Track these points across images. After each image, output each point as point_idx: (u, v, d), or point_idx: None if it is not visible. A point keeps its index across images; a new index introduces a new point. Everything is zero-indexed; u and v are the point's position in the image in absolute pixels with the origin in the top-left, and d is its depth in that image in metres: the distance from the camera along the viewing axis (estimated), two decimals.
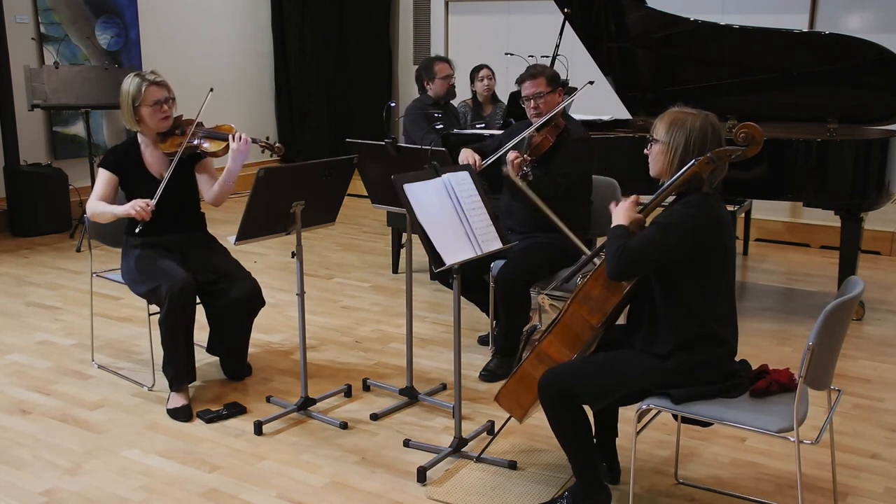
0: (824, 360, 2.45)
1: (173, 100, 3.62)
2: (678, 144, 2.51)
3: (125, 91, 3.59)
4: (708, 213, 2.49)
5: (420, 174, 3.02)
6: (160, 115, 3.59)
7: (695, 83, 5.22)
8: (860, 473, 3.06)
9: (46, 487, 2.95)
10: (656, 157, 2.57)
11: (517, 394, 2.77)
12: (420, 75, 5.54)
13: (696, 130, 2.50)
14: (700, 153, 2.49)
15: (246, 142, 3.57)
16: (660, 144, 2.55)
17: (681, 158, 2.51)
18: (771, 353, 4.19)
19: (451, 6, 9.37)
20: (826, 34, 4.65)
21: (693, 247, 2.47)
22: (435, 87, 5.45)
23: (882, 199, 4.51)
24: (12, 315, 4.81)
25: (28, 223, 6.68)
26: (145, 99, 3.55)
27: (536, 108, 3.87)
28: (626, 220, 2.57)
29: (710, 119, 2.53)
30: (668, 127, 2.54)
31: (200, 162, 3.74)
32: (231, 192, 3.72)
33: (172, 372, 3.55)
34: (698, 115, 2.54)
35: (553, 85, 3.87)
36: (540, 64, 4.10)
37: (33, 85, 6.32)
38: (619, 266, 2.47)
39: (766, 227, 6.59)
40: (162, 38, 8.08)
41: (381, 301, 5.12)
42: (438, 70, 5.42)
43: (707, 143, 2.50)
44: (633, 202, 2.62)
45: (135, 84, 3.56)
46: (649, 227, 2.51)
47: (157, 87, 3.57)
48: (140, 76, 3.59)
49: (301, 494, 2.91)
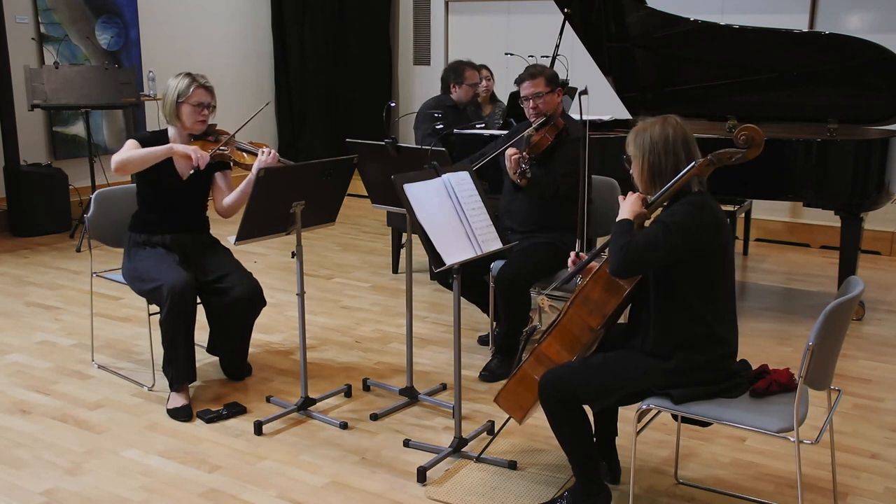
0: (824, 360, 2.45)
1: (214, 107, 3.66)
2: (643, 151, 2.56)
3: (173, 86, 3.61)
4: (709, 212, 2.51)
5: (420, 174, 3.02)
6: (199, 117, 3.62)
7: (695, 83, 5.22)
8: (860, 473, 3.06)
9: (46, 487, 2.95)
10: (634, 171, 2.63)
11: (517, 395, 2.77)
12: (447, 76, 5.54)
13: (657, 134, 2.55)
14: (665, 155, 2.53)
15: (275, 157, 3.57)
16: (633, 160, 2.61)
17: (650, 164, 2.55)
18: (771, 353, 4.20)
19: (451, 6, 9.37)
20: (826, 34, 4.65)
21: (695, 245, 2.48)
22: (459, 92, 5.49)
23: (882, 199, 4.51)
24: (12, 315, 4.81)
25: (28, 223, 6.68)
26: (190, 97, 3.58)
27: (535, 107, 3.88)
28: (631, 214, 2.59)
29: (669, 121, 2.57)
30: (633, 140, 2.60)
31: (222, 172, 3.76)
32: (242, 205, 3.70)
33: (172, 372, 3.55)
34: (657, 119, 2.59)
35: (552, 85, 3.88)
36: (539, 64, 4.11)
37: (33, 85, 6.32)
38: (623, 263, 2.48)
39: (766, 227, 6.59)
40: (162, 38, 8.08)
41: (381, 301, 5.12)
42: (468, 76, 5.47)
43: (670, 144, 2.53)
44: (641, 197, 2.62)
45: (185, 82, 3.60)
46: (652, 225, 2.52)
47: (204, 91, 3.61)
48: (191, 76, 3.62)
49: (301, 494, 2.91)
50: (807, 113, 4.99)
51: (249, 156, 3.68)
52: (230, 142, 3.67)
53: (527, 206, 3.93)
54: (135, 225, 3.71)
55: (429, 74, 9.55)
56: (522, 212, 3.94)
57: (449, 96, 5.51)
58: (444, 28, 9.41)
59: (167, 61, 7.79)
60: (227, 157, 3.67)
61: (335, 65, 9.48)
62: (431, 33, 9.50)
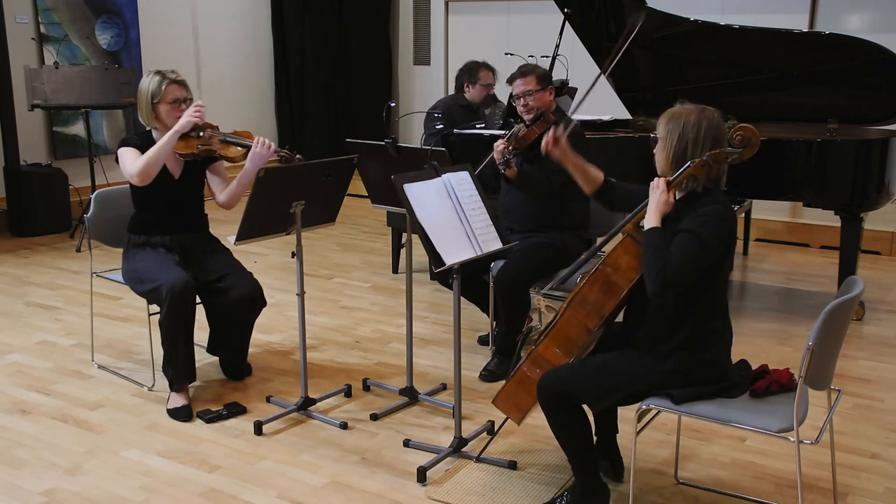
0: (824, 360, 2.45)
1: (191, 100, 3.60)
2: (673, 138, 2.52)
3: (144, 87, 3.56)
4: (731, 212, 2.51)
5: (420, 174, 3.02)
6: (178, 113, 3.56)
7: (695, 83, 5.22)
8: (860, 473, 3.06)
9: (46, 487, 2.95)
10: (658, 153, 2.59)
11: (515, 397, 2.77)
12: (462, 76, 5.64)
13: (691, 124, 2.51)
14: (696, 146, 2.49)
15: (269, 147, 3.53)
16: (660, 141, 2.57)
17: (675, 152, 2.52)
18: (771, 353, 4.20)
19: (451, 6, 9.37)
20: (826, 34, 4.65)
21: (722, 248, 2.48)
22: (473, 92, 5.59)
23: (882, 199, 4.51)
24: (12, 315, 4.81)
25: (28, 223, 6.68)
26: (164, 96, 3.54)
27: (526, 105, 3.89)
28: (660, 217, 2.50)
29: (706, 113, 2.53)
30: (666, 123, 2.56)
31: (213, 164, 3.74)
32: (243, 195, 3.69)
33: (172, 372, 3.54)
34: (695, 109, 2.54)
35: (543, 83, 3.89)
36: (531, 63, 4.13)
37: (33, 85, 6.32)
38: (664, 290, 2.42)
39: (766, 227, 6.59)
40: (162, 38, 8.08)
41: (381, 301, 5.12)
42: (482, 77, 5.57)
43: (701, 136, 2.49)
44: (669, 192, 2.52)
45: (155, 81, 3.54)
46: (683, 237, 2.44)
47: (177, 86, 3.56)
48: (161, 74, 3.56)
49: (301, 494, 2.91)
50: (807, 113, 4.99)
51: (238, 148, 3.59)
52: (215, 136, 3.60)
53: (526, 205, 3.93)
54: (133, 227, 3.70)
55: (429, 74, 9.55)
56: (521, 211, 3.94)
57: (463, 95, 5.60)
58: (444, 28, 9.41)
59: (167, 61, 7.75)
60: (214, 152, 3.60)
61: (335, 65, 9.48)
62: (431, 33, 9.49)
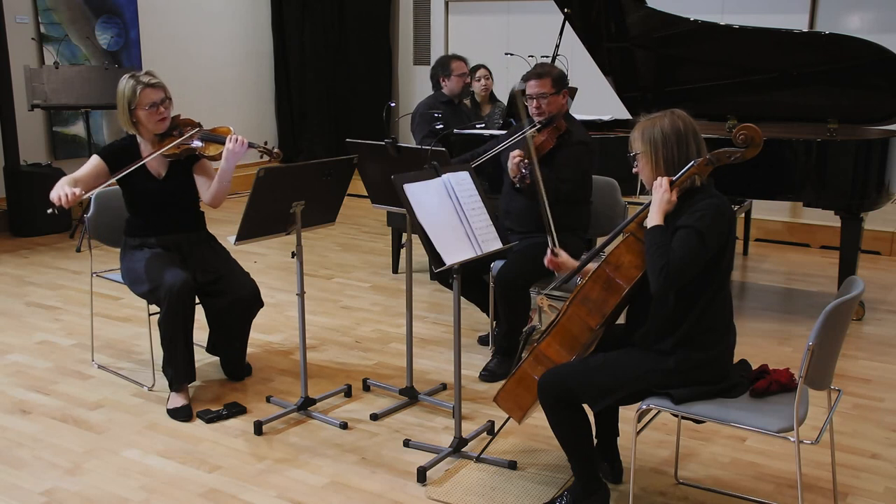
0: (824, 360, 2.45)
1: (170, 100, 3.57)
2: (656, 145, 2.53)
3: (120, 93, 3.53)
4: (727, 206, 2.51)
5: (420, 174, 3.02)
6: (156, 117, 3.54)
7: (695, 83, 5.22)
8: (860, 473, 3.06)
9: (46, 487, 2.95)
10: (643, 169, 2.59)
11: (516, 395, 2.77)
12: (436, 72, 5.57)
13: (667, 127, 2.52)
14: (678, 147, 2.51)
15: (242, 143, 3.51)
16: (640, 155, 2.58)
17: (664, 157, 2.53)
18: (771, 353, 4.19)
19: (451, 6, 9.37)
20: (826, 34, 4.65)
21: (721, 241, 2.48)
22: (450, 85, 5.49)
23: (882, 199, 4.51)
24: (12, 315, 4.81)
25: (28, 223, 6.68)
26: (140, 102, 3.50)
27: (539, 107, 3.87)
28: (662, 216, 2.50)
29: (677, 113, 2.55)
30: (641, 135, 2.57)
31: (198, 163, 3.72)
32: (228, 193, 3.68)
33: (172, 372, 3.54)
34: (664, 114, 2.56)
35: (558, 87, 3.86)
36: (549, 64, 4.10)
37: (33, 85, 6.32)
38: (668, 286, 2.43)
39: (766, 227, 6.59)
40: (162, 38, 8.08)
41: (381, 301, 5.12)
42: (455, 67, 5.48)
43: (681, 135, 2.52)
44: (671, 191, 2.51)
45: (129, 87, 3.50)
46: (683, 233, 2.44)
47: (152, 90, 3.51)
48: (135, 78, 3.52)
49: (301, 494, 2.91)
50: (807, 113, 4.99)
51: (216, 145, 3.57)
52: (193, 135, 3.57)
53: (526, 206, 3.92)
54: (129, 230, 3.70)
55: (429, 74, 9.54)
56: (522, 212, 3.93)
57: (442, 93, 5.52)
58: (444, 28, 9.41)
59: (167, 61, 7.79)
60: (194, 151, 3.58)
61: (335, 65, 9.48)
62: (431, 33, 9.49)
